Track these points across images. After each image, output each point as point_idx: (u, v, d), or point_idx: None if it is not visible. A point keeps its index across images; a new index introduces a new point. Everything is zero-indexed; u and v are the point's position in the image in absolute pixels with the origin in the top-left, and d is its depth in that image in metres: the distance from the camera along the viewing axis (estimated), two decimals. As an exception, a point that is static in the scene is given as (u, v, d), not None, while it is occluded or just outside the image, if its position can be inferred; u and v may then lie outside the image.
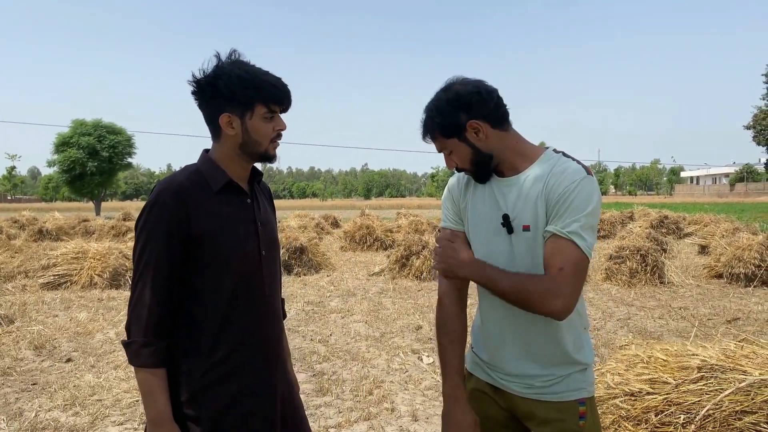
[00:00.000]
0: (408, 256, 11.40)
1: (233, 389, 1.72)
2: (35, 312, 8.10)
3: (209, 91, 1.68)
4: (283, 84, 1.72)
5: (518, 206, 1.72)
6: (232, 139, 1.72)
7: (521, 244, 1.71)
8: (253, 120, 1.69)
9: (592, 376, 1.81)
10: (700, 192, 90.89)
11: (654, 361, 3.00)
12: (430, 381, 5.01)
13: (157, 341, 1.64)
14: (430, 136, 1.79)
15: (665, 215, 19.86)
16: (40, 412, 4.39)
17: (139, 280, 1.65)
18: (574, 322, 1.77)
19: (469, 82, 1.76)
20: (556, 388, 1.74)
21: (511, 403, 1.82)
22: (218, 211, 1.70)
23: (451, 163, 1.80)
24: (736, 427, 2.33)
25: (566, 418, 1.73)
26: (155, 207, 1.65)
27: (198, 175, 1.72)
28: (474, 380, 1.92)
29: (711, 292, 9.35)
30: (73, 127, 41.38)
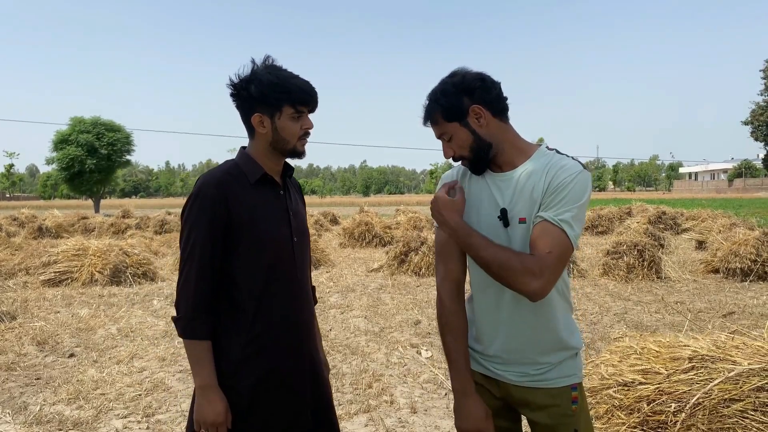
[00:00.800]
0: (407, 252, 11.47)
1: (267, 364, 1.89)
2: (37, 308, 8.16)
3: (243, 94, 1.87)
4: (309, 87, 1.88)
5: (514, 200, 1.78)
6: (264, 137, 1.90)
7: (517, 236, 1.77)
8: (281, 120, 1.87)
9: (581, 363, 1.89)
10: (698, 188, 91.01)
11: (647, 353, 3.07)
12: (429, 374, 5.09)
13: (203, 315, 1.83)
14: (431, 119, 1.84)
15: (663, 211, 19.94)
16: (45, 406, 4.45)
17: (186, 263, 1.84)
18: (565, 307, 1.84)
19: (472, 71, 1.83)
20: (549, 375, 1.81)
21: (505, 391, 1.88)
22: (254, 202, 1.88)
23: (449, 151, 1.84)
24: (725, 414, 2.41)
25: (560, 403, 1.80)
26: (198, 198, 1.83)
27: (236, 168, 1.91)
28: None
29: (707, 286, 9.43)
30: (72, 125, 41.40)
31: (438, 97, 1.80)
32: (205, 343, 1.84)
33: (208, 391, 1.83)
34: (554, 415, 1.80)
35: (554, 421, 1.80)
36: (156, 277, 10.62)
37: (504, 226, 1.79)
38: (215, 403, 1.82)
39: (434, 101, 1.81)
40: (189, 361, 1.85)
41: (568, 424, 1.80)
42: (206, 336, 1.84)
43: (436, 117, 1.81)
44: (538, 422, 1.83)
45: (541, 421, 1.82)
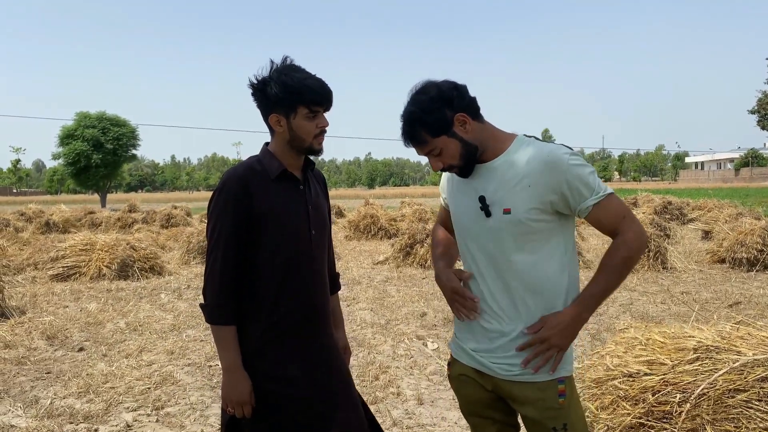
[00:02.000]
0: (412, 244, 11.49)
1: (287, 349, 2.02)
2: (46, 303, 8.23)
3: (260, 96, 1.98)
4: (323, 87, 1.96)
5: (499, 190, 1.81)
6: (281, 135, 2.00)
7: (501, 227, 1.81)
8: (296, 119, 1.96)
9: (571, 356, 1.90)
10: (704, 177, 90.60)
11: (652, 344, 3.09)
12: (435, 366, 5.12)
13: (229, 302, 1.95)
14: (416, 140, 1.84)
15: (669, 201, 19.87)
16: (56, 400, 4.51)
17: (212, 253, 1.96)
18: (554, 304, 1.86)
19: (440, 81, 1.84)
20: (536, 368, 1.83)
21: (495, 385, 1.91)
22: (275, 196, 1.98)
23: (438, 164, 1.87)
24: (729, 404, 2.42)
25: (546, 396, 1.82)
26: (223, 193, 1.95)
27: (258, 164, 2.02)
28: (459, 366, 2.01)
29: (713, 277, 9.42)
30: (78, 120, 41.55)
31: (420, 116, 1.80)
32: (230, 328, 1.96)
33: (233, 373, 1.95)
34: (541, 409, 1.82)
35: (541, 415, 1.82)
36: (163, 271, 10.68)
37: (486, 216, 1.82)
38: (241, 384, 1.95)
39: (416, 121, 1.81)
40: (216, 344, 1.98)
41: (556, 418, 1.82)
42: (231, 321, 1.96)
43: (422, 136, 1.82)
44: (527, 416, 1.86)
45: (529, 415, 1.85)
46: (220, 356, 1.98)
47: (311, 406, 2.01)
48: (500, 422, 2.00)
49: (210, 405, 4.37)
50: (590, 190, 1.77)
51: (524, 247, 1.82)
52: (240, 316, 2.01)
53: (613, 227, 1.82)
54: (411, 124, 1.83)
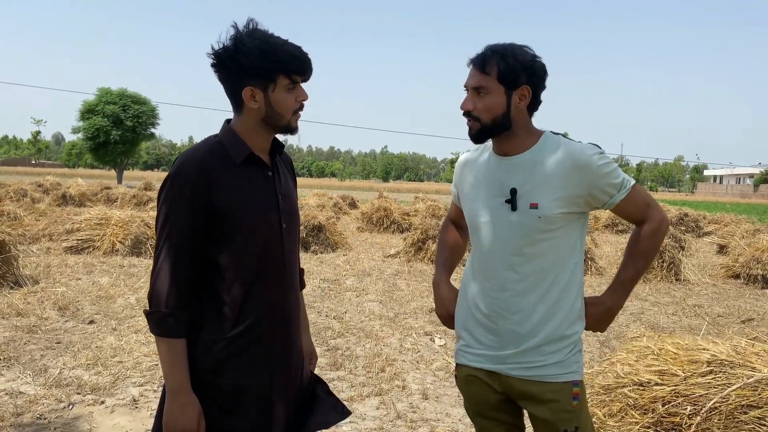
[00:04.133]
0: (424, 239, 11.46)
1: (254, 359, 1.75)
2: (59, 274, 8.31)
3: (230, 64, 1.66)
4: (303, 53, 1.69)
5: (526, 185, 1.81)
6: (255, 112, 1.71)
7: (524, 221, 1.80)
8: (275, 92, 1.68)
9: (582, 361, 1.91)
10: (722, 191, 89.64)
11: (664, 354, 3.06)
12: (442, 362, 5.11)
13: (179, 312, 1.64)
14: (484, 67, 1.80)
15: (685, 213, 19.69)
16: (64, 370, 4.55)
17: (161, 250, 1.65)
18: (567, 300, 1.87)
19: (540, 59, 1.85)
20: (551, 370, 1.83)
21: (506, 385, 1.89)
22: (240, 185, 1.70)
23: (470, 104, 1.83)
24: (741, 420, 2.39)
25: (561, 398, 1.82)
26: (177, 179, 1.65)
27: (220, 147, 1.72)
28: (466, 369, 1.99)
29: (727, 291, 9.32)
30: (99, 95, 41.82)
31: (506, 56, 1.78)
32: (180, 342, 1.65)
33: (180, 396, 1.65)
34: (555, 411, 1.82)
35: (554, 417, 1.82)
36: (175, 250, 10.73)
37: (512, 209, 1.81)
38: (188, 409, 1.65)
39: (500, 56, 1.79)
40: (161, 362, 1.66)
41: (569, 420, 1.82)
42: (180, 334, 1.65)
43: (491, 69, 1.79)
44: (538, 416, 1.85)
45: (542, 416, 1.83)
46: (165, 375, 1.66)
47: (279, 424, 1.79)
48: (507, 424, 1.98)
49: (216, 385, 4.39)
50: (617, 187, 1.83)
51: (544, 243, 1.81)
52: (198, 323, 1.71)
53: (640, 216, 1.91)
54: (495, 54, 1.80)
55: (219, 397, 1.72)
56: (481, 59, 1.81)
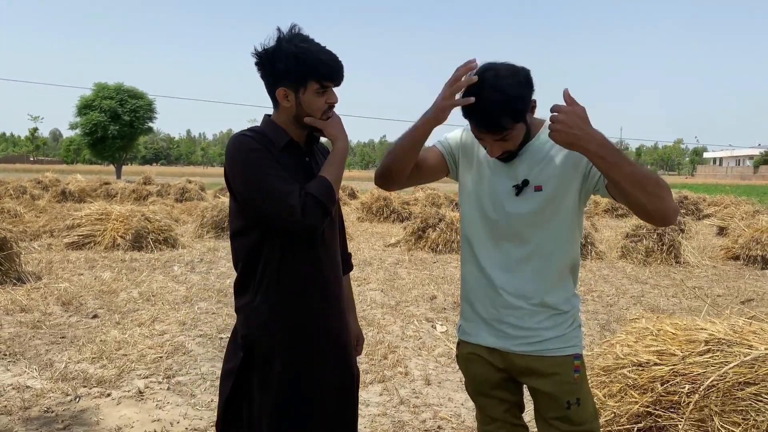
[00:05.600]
0: (424, 228, 11.50)
1: (293, 324, 1.91)
2: (61, 270, 8.35)
3: (267, 66, 1.85)
4: (335, 61, 1.84)
5: (533, 170, 1.85)
6: (287, 110, 1.89)
7: (527, 204, 1.85)
8: (306, 95, 1.84)
9: (582, 335, 1.96)
10: (722, 174, 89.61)
11: (663, 334, 3.09)
12: (443, 348, 5.15)
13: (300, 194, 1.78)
14: (497, 128, 1.74)
15: (685, 196, 19.77)
16: (70, 364, 4.59)
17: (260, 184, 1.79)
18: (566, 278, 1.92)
19: (510, 64, 1.79)
20: (552, 344, 1.88)
21: (508, 362, 1.94)
22: (283, 165, 1.85)
23: (499, 151, 1.82)
24: (738, 397, 2.43)
25: (562, 372, 1.87)
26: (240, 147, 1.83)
27: (263, 135, 1.89)
28: (469, 346, 2.03)
29: (727, 273, 9.36)
30: (96, 91, 41.81)
31: (509, 103, 1.71)
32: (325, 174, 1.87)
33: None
34: (557, 383, 1.87)
35: (557, 389, 1.86)
36: (177, 244, 10.78)
37: (515, 194, 1.84)
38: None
39: (505, 108, 1.71)
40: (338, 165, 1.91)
41: (571, 392, 1.86)
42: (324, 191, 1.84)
43: (506, 122, 1.73)
44: (540, 390, 1.89)
45: (545, 389, 1.88)
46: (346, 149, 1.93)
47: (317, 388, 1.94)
48: (507, 402, 2.02)
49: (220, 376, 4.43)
50: None
51: (546, 224, 1.87)
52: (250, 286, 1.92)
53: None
54: (499, 110, 1.72)
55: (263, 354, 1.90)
56: (495, 125, 1.75)
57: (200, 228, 12.50)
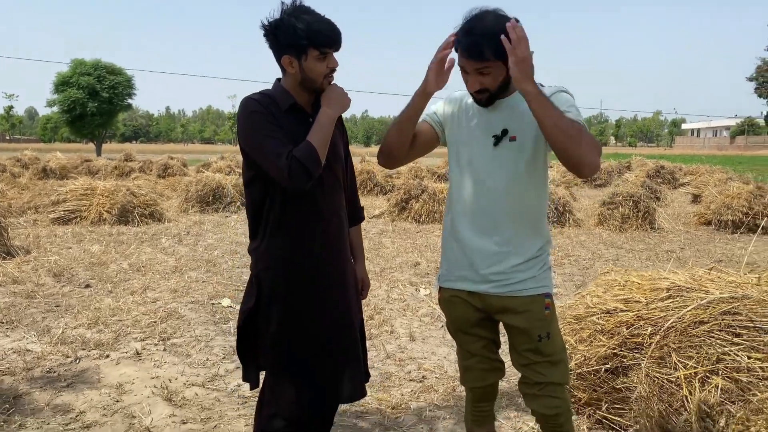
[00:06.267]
0: (407, 199, 11.70)
1: (295, 267, 2.14)
2: (49, 244, 8.43)
3: (272, 38, 2.08)
4: (333, 29, 2.06)
5: (511, 122, 2.05)
6: (293, 76, 2.10)
7: (503, 154, 2.05)
8: (308, 61, 2.06)
9: (552, 276, 2.18)
10: (700, 144, 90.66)
11: (629, 285, 3.33)
12: (427, 309, 5.39)
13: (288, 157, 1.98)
14: (478, 55, 1.94)
15: (662, 165, 20.16)
16: (67, 329, 4.75)
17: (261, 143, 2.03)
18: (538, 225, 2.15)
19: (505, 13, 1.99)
20: (526, 285, 2.10)
21: (485, 302, 2.16)
22: (284, 126, 2.07)
23: (476, 85, 2.01)
24: (693, 334, 2.67)
25: (534, 309, 2.09)
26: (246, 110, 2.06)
27: (270, 97, 2.12)
28: (450, 291, 2.25)
29: (699, 237, 9.71)
30: (73, 67, 41.10)
31: (495, 36, 1.89)
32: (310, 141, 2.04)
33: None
34: (530, 319, 2.09)
35: (529, 324, 2.08)
36: (163, 218, 10.88)
37: (494, 144, 2.03)
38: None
39: (490, 39, 1.91)
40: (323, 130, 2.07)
41: (542, 327, 2.09)
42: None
43: (486, 54, 1.93)
44: (515, 326, 2.11)
45: (518, 325, 2.10)
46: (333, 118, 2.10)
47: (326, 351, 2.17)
48: (484, 339, 2.25)
49: (214, 338, 4.63)
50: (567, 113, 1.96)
51: (520, 174, 2.07)
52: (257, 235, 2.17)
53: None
54: (483, 38, 1.91)
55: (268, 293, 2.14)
56: (475, 49, 1.94)
57: (185, 202, 12.59)
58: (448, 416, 3.35)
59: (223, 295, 5.87)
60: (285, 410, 2.20)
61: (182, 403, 3.48)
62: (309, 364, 2.17)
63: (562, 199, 10.89)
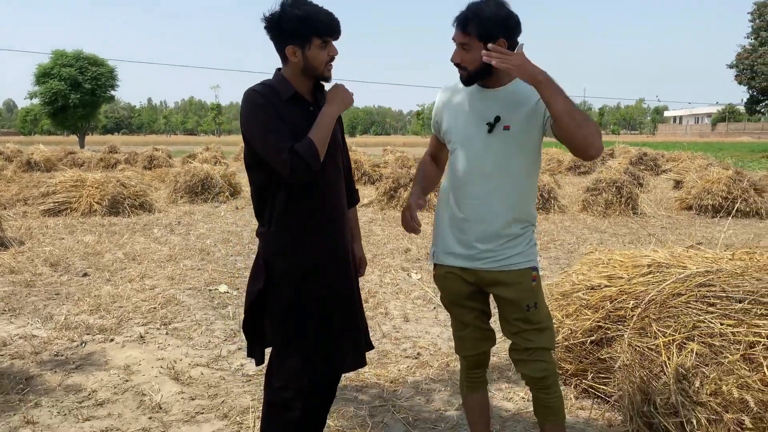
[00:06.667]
0: (396, 188, 11.86)
1: (303, 250, 2.27)
2: (42, 235, 8.50)
3: (276, 29, 2.18)
4: (333, 18, 2.18)
5: (504, 111, 2.22)
6: (296, 65, 2.21)
7: (497, 141, 2.22)
8: (311, 50, 2.18)
9: (537, 251, 2.37)
10: (682, 131, 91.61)
11: (613, 262, 3.53)
12: (419, 292, 5.57)
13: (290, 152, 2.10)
14: (465, 27, 2.13)
15: (644, 152, 20.47)
16: (69, 316, 4.87)
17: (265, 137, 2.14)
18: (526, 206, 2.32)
19: (512, 10, 2.16)
20: (515, 260, 2.28)
21: (478, 277, 2.34)
22: (286, 115, 2.18)
23: (458, 57, 2.19)
24: (672, 306, 2.88)
25: (523, 281, 2.28)
26: (248, 102, 2.17)
27: (271, 87, 2.22)
28: (444, 268, 2.43)
29: (680, 221, 9.99)
30: (54, 58, 40.59)
31: (484, 16, 2.09)
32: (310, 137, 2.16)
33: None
34: (518, 291, 2.27)
35: (518, 295, 2.27)
36: (153, 208, 10.96)
37: (488, 132, 2.20)
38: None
39: (479, 18, 2.10)
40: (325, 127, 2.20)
41: (530, 298, 2.28)
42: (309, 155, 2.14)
43: (472, 28, 2.12)
44: (505, 297, 2.29)
45: (508, 296, 2.28)
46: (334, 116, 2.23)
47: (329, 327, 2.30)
48: (477, 310, 2.43)
49: (214, 321, 4.78)
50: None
51: (511, 159, 2.23)
52: (266, 220, 2.28)
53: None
54: (474, 14, 2.11)
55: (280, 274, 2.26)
56: (462, 20, 2.14)
57: (174, 193, 12.65)
58: (443, 389, 3.54)
59: (219, 281, 6.00)
60: (293, 381, 2.34)
61: (189, 382, 3.64)
62: (315, 338, 2.32)
63: (546, 186, 11.11)
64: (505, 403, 3.36)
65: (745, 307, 2.64)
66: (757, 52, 52.05)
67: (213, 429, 3.09)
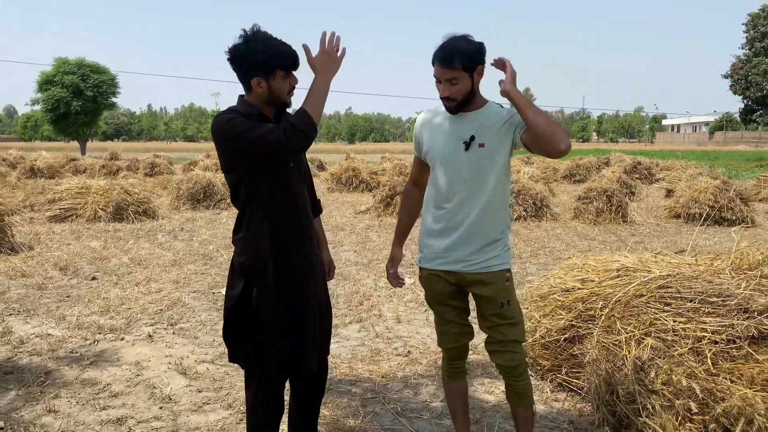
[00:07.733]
0: (392, 195, 12.18)
1: (282, 258, 2.44)
2: (49, 241, 8.81)
3: (241, 61, 2.35)
4: (294, 51, 2.37)
5: (479, 131, 2.53)
6: (261, 94, 2.39)
7: (474, 158, 2.53)
8: (275, 81, 2.36)
9: (510, 255, 2.68)
10: (680, 140, 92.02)
11: (586, 267, 3.84)
12: (412, 296, 5.87)
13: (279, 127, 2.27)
14: (451, 63, 2.43)
15: (639, 161, 20.84)
16: (81, 317, 5.18)
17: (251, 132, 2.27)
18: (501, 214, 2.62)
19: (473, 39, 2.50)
20: (492, 262, 2.59)
21: (459, 278, 2.64)
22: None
23: (446, 92, 2.49)
24: (634, 305, 3.18)
25: (498, 281, 2.59)
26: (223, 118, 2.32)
27: (238, 112, 2.37)
28: (429, 270, 2.73)
29: (667, 229, 10.30)
30: (56, 66, 41.03)
31: (465, 50, 2.42)
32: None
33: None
34: (494, 289, 2.58)
35: (494, 294, 2.58)
36: (156, 215, 11.27)
37: (465, 149, 2.51)
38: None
39: (460, 52, 2.42)
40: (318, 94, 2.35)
41: (504, 296, 2.59)
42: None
43: (456, 64, 2.43)
44: (482, 295, 2.60)
45: (485, 294, 2.59)
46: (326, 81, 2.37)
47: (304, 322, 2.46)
48: (457, 308, 2.74)
49: (217, 322, 5.08)
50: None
51: (487, 173, 2.54)
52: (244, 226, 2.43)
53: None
54: (455, 51, 2.41)
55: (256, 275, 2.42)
56: (448, 58, 2.43)
57: (176, 200, 12.97)
58: (430, 383, 3.84)
59: (222, 285, 6.30)
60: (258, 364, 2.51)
61: (196, 376, 3.94)
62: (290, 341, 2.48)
63: (540, 194, 11.43)
64: (486, 395, 3.66)
65: (695, 306, 2.95)
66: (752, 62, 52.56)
67: (219, 417, 3.39)
